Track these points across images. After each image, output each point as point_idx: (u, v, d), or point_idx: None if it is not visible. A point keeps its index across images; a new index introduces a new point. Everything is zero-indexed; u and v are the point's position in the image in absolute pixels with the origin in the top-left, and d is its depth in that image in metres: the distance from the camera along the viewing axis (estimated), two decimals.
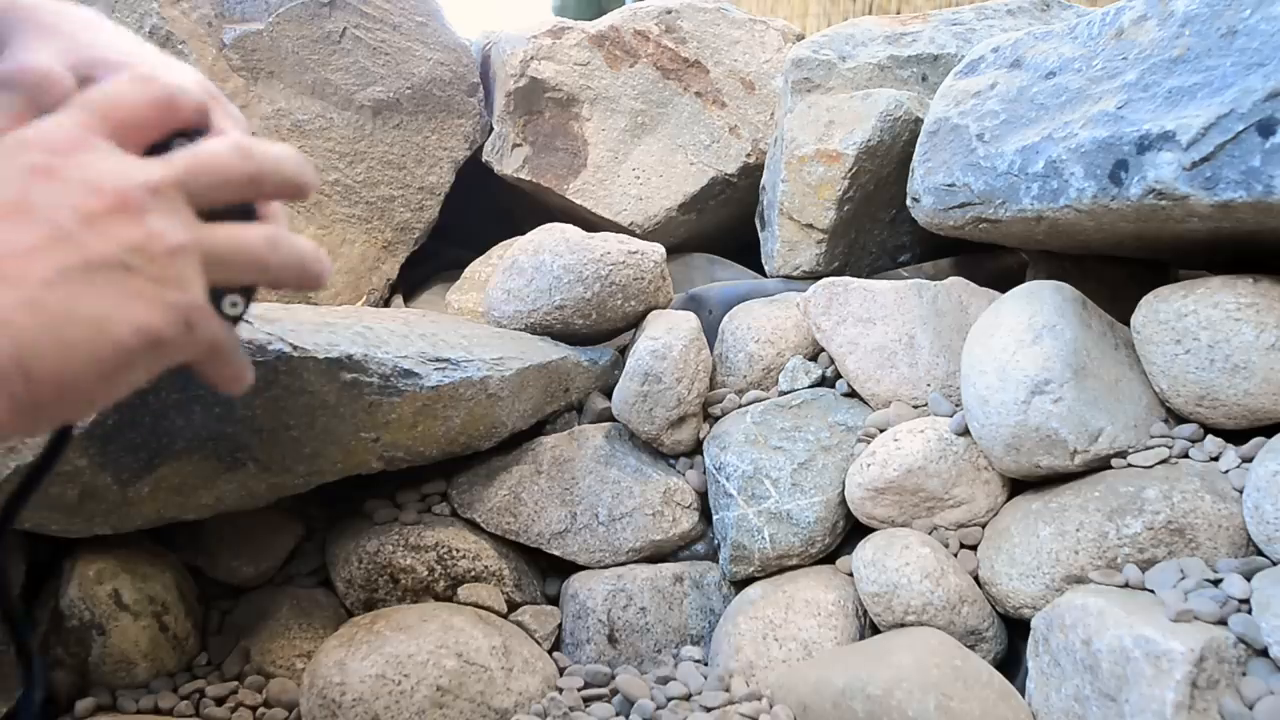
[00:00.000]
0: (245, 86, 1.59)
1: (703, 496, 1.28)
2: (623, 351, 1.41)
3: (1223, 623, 0.86)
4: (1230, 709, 0.81)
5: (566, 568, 1.28)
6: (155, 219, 0.40)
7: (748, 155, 1.77)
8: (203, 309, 0.41)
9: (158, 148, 0.44)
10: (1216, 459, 1.00)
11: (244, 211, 0.46)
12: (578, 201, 1.77)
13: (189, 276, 0.41)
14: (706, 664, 1.19)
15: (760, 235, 1.63)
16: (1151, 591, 0.93)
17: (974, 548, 1.10)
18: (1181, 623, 0.86)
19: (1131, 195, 0.98)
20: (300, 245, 0.47)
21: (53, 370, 0.36)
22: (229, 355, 0.46)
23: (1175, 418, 1.06)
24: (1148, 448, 1.02)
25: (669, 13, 1.79)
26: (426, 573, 1.20)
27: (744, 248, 1.77)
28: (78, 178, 0.39)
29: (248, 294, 0.47)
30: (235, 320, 0.47)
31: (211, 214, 0.44)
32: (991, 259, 1.50)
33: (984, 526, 1.11)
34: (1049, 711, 0.94)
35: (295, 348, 1.02)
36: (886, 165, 1.44)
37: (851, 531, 1.20)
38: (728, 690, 1.11)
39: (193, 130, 0.47)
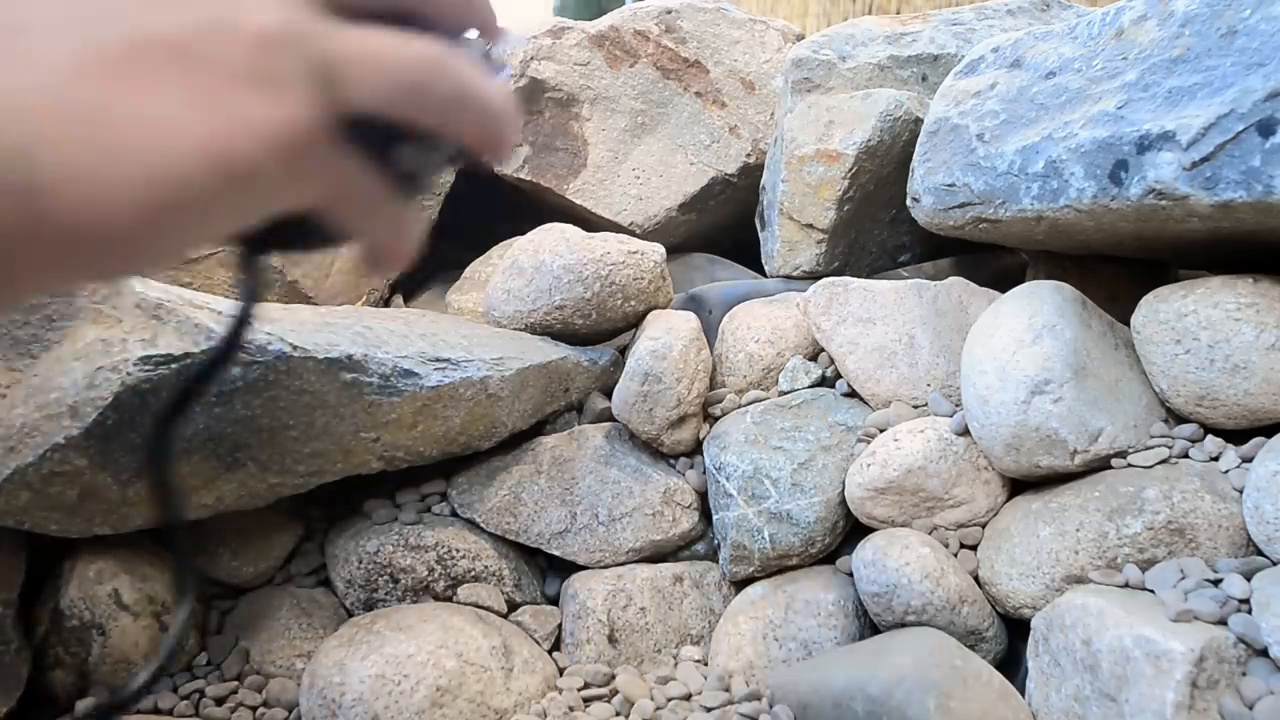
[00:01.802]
0: None
1: (703, 496, 1.28)
2: (623, 351, 1.41)
3: (1223, 623, 0.86)
4: (1230, 709, 0.81)
5: (566, 568, 1.28)
6: None
7: (748, 155, 1.77)
8: (312, 134, 0.28)
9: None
10: (1216, 459, 1.00)
11: (405, 21, 0.32)
12: (578, 201, 1.77)
13: (289, 81, 0.27)
14: (706, 664, 1.19)
15: (760, 235, 1.63)
16: (1151, 591, 0.93)
17: (974, 548, 1.10)
18: (1181, 623, 0.86)
19: (1131, 195, 0.98)
20: (489, 95, 0.32)
21: (86, 188, 0.25)
22: (376, 216, 0.32)
23: (1175, 418, 1.06)
24: (1148, 448, 1.02)
25: (669, 13, 1.79)
26: (426, 573, 1.20)
27: (744, 248, 1.77)
28: None
29: (432, 149, 0.33)
30: (411, 180, 0.33)
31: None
32: (991, 259, 1.50)
33: (984, 526, 1.11)
34: (1049, 711, 0.94)
35: (295, 348, 1.02)
36: (886, 165, 1.44)
37: (851, 531, 1.20)
38: (728, 690, 1.10)
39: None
